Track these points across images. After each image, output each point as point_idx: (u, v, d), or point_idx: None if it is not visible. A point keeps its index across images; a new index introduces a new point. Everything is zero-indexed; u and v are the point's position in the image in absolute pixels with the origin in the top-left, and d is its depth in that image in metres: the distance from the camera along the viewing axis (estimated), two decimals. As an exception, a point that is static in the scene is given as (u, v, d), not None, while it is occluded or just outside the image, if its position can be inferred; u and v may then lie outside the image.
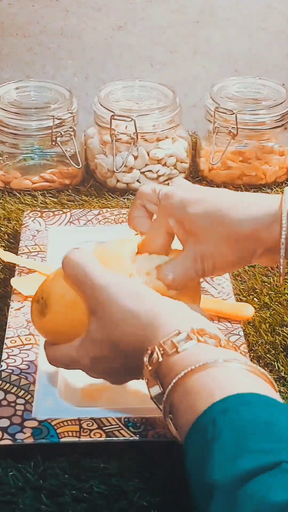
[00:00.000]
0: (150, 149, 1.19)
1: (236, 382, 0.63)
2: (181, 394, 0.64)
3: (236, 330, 0.90)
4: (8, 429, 0.76)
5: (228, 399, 0.60)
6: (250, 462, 0.55)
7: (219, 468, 0.56)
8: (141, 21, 1.43)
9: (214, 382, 0.63)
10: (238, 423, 0.58)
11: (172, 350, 0.66)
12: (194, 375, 0.64)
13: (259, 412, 0.60)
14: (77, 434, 0.76)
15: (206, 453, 0.58)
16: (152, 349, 0.68)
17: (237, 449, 0.57)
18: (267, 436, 0.58)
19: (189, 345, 0.67)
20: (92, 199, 1.19)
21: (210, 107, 1.22)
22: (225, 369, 0.64)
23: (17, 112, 1.18)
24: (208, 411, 0.60)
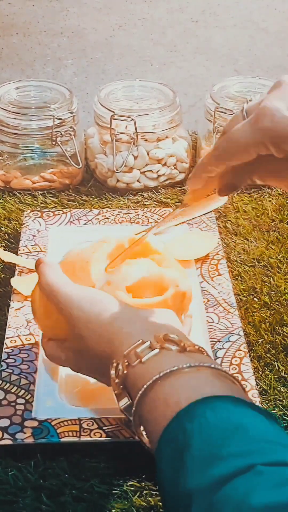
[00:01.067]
0: (150, 149, 1.19)
1: (201, 387, 0.63)
2: (148, 404, 0.64)
3: (236, 330, 0.90)
4: (9, 429, 0.76)
5: (195, 405, 0.60)
6: (223, 467, 0.55)
7: (193, 477, 0.56)
8: (141, 21, 1.43)
9: (179, 389, 0.63)
10: (207, 429, 0.58)
11: (135, 361, 0.67)
12: (159, 385, 0.64)
13: (228, 415, 0.59)
14: (77, 434, 0.76)
15: (179, 463, 0.57)
16: (117, 362, 0.68)
17: (209, 456, 0.56)
18: (237, 439, 0.57)
19: (152, 353, 0.67)
20: (92, 199, 1.19)
21: (210, 107, 1.21)
22: (189, 375, 0.64)
23: (17, 112, 1.18)
24: (176, 419, 0.60)
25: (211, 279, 0.98)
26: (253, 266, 1.04)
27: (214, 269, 1.00)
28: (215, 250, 1.03)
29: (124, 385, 0.68)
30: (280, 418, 0.81)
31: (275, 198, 1.19)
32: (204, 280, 0.98)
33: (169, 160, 1.21)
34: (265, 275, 1.02)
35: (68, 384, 0.83)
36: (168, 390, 0.63)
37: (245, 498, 0.52)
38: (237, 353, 0.86)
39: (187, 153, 1.23)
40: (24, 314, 0.91)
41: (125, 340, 0.69)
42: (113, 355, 0.69)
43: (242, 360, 0.85)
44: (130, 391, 0.67)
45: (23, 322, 0.90)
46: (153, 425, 0.62)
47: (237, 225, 1.12)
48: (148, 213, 1.12)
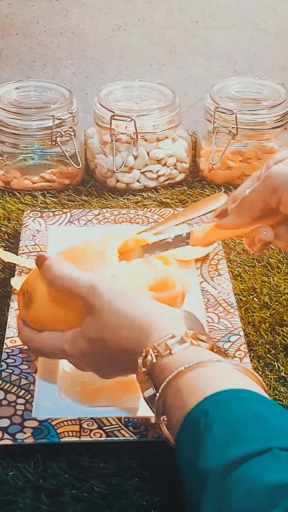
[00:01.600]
0: (150, 149, 1.19)
1: (229, 379, 0.64)
2: (174, 392, 0.65)
3: (236, 330, 0.90)
4: (9, 429, 0.76)
5: (221, 393, 0.62)
6: (241, 449, 0.56)
7: (211, 456, 0.57)
8: (141, 21, 1.43)
9: (206, 379, 0.64)
10: (229, 414, 0.60)
11: (165, 351, 0.68)
12: (187, 374, 0.65)
13: (250, 406, 0.61)
14: (77, 434, 0.76)
15: (198, 444, 0.59)
16: (146, 352, 0.69)
17: (228, 438, 0.58)
18: (258, 426, 0.59)
19: (183, 347, 0.68)
20: (92, 199, 1.19)
21: (210, 107, 1.22)
22: (217, 368, 0.66)
23: (17, 112, 1.18)
24: (200, 404, 0.61)
25: (211, 279, 0.98)
26: (253, 266, 1.04)
27: (214, 269, 1.00)
28: (215, 250, 1.03)
29: (150, 374, 0.69)
30: (280, 418, 0.81)
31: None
32: (204, 280, 0.98)
33: (169, 160, 1.21)
34: (265, 275, 1.02)
35: (68, 384, 0.83)
36: (195, 378, 0.64)
37: (258, 477, 0.54)
38: (237, 353, 0.86)
39: (187, 153, 1.23)
40: (24, 314, 0.91)
41: (156, 332, 0.69)
42: (143, 346, 0.69)
43: (242, 360, 0.85)
44: (155, 380, 0.68)
45: (23, 322, 0.90)
46: (177, 411, 0.64)
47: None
48: (148, 213, 1.12)
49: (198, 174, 1.25)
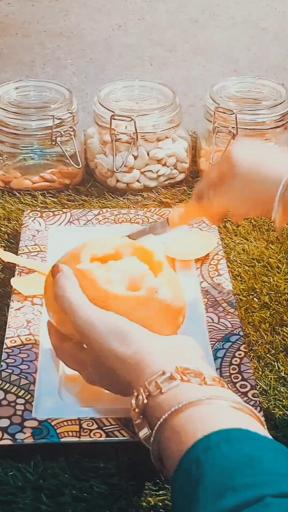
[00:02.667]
0: (150, 149, 1.19)
1: (219, 419, 0.63)
2: (167, 435, 0.64)
3: (236, 330, 0.90)
4: (8, 429, 0.76)
5: (210, 437, 0.60)
6: (233, 499, 0.55)
7: (205, 508, 0.56)
8: (141, 21, 1.43)
9: (197, 420, 0.63)
10: (220, 461, 0.58)
11: (156, 391, 0.67)
12: (178, 415, 0.64)
13: (241, 447, 0.59)
14: (77, 434, 0.76)
15: (192, 495, 0.58)
16: (137, 391, 0.68)
17: (220, 488, 0.56)
18: (249, 469, 0.57)
19: (173, 385, 0.67)
20: (92, 199, 1.19)
21: (210, 107, 1.21)
22: (208, 407, 0.65)
23: (17, 112, 1.18)
24: (191, 450, 0.60)
25: (211, 279, 0.98)
26: (253, 266, 1.04)
27: (214, 269, 1.00)
28: (215, 250, 1.03)
29: (144, 414, 0.68)
30: (280, 418, 0.81)
31: (275, 198, 1.19)
32: (204, 280, 0.98)
33: (169, 160, 1.21)
34: (265, 275, 1.02)
35: (68, 384, 0.83)
36: (185, 421, 0.64)
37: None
38: (237, 353, 0.86)
39: (187, 153, 1.23)
40: (24, 314, 0.91)
41: (147, 370, 0.69)
42: (134, 384, 0.69)
43: (242, 360, 0.85)
44: (149, 421, 0.68)
45: (23, 322, 0.90)
46: (170, 456, 0.63)
47: (237, 225, 1.12)
48: (148, 213, 1.12)
49: (198, 174, 1.25)
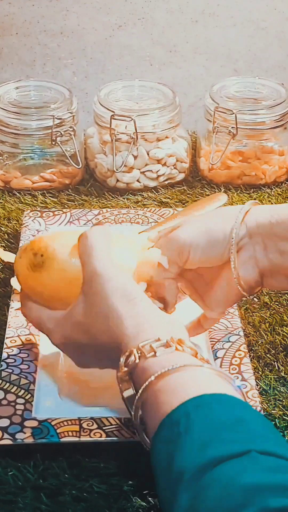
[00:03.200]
0: (150, 149, 1.19)
1: (211, 384, 0.65)
2: (155, 393, 0.65)
3: (236, 330, 0.90)
4: (8, 429, 0.76)
5: (203, 397, 0.62)
6: (219, 449, 0.57)
7: (188, 456, 0.57)
8: (141, 21, 1.43)
9: (189, 382, 0.64)
10: (210, 417, 0.60)
11: (150, 353, 0.68)
12: (170, 376, 0.65)
13: (232, 410, 0.61)
14: (77, 434, 0.76)
15: (176, 444, 0.59)
16: (130, 351, 0.69)
17: (207, 439, 0.58)
18: (238, 428, 0.59)
19: (168, 351, 0.68)
20: (92, 199, 1.19)
21: (210, 107, 1.22)
22: (200, 372, 0.66)
23: (17, 112, 1.18)
24: (182, 406, 0.61)
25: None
26: (253, 266, 1.03)
27: (214, 269, 1.00)
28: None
29: (131, 375, 0.69)
30: (280, 418, 0.81)
31: (275, 198, 1.19)
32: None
33: (169, 160, 1.21)
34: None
35: (68, 383, 0.83)
36: (178, 381, 0.65)
37: (235, 477, 0.54)
38: (237, 353, 0.86)
39: (187, 153, 1.23)
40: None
41: (143, 334, 0.70)
42: (127, 344, 0.70)
43: (242, 360, 0.85)
44: (136, 381, 0.68)
45: (23, 322, 0.90)
46: (157, 411, 0.63)
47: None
48: (148, 213, 1.12)
49: (198, 174, 1.25)
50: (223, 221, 0.81)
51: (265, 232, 0.79)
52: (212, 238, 0.80)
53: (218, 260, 0.81)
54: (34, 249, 0.78)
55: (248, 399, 0.80)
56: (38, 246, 0.78)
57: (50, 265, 0.77)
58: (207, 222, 0.82)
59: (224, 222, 0.80)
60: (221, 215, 0.82)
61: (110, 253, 0.76)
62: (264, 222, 0.79)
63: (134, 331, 0.70)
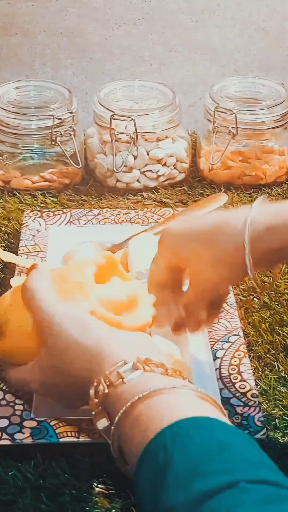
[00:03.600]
0: (150, 149, 1.19)
1: (186, 406, 0.62)
2: (129, 423, 0.63)
3: (236, 330, 0.90)
4: (7, 429, 0.76)
5: (179, 423, 0.59)
6: (206, 483, 0.53)
7: (174, 493, 0.54)
8: (141, 21, 1.43)
9: (162, 408, 0.62)
10: (189, 446, 0.57)
11: (117, 380, 0.66)
12: (142, 403, 0.63)
13: (211, 434, 0.58)
14: (76, 434, 0.76)
15: (159, 480, 0.56)
16: (98, 381, 0.67)
17: (191, 472, 0.55)
18: (221, 457, 0.56)
19: (135, 375, 0.66)
20: (92, 199, 1.19)
21: (210, 107, 1.21)
22: (173, 396, 0.63)
23: (17, 112, 1.18)
24: (158, 436, 0.59)
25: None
26: (252, 266, 1.03)
27: (214, 269, 1.00)
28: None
29: (103, 405, 0.67)
30: (280, 418, 0.81)
31: (275, 198, 1.19)
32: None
33: (169, 160, 1.21)
34: (265, 275, 1.02)
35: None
36: (151, 409, 0.62)
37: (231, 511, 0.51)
38: (236, 354, 0.86)
39: (187, 153, 1.23)
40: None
41: (107, 360, 0.68)
42: (94, 375, 0.68)
43: (242, 360, 0.85)
44: (110, 411, 0.66)
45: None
46: (133, 444, 0.61)
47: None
48: (148, 213, 1.11)
49: (198, 174, 1.25)
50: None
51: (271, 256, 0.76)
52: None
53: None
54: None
55: (248, 399, 0.80)
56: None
57: (8, 328, 0.77)
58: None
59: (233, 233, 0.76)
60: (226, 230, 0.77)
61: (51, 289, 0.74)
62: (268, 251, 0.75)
63: (98, 359, 0.68)
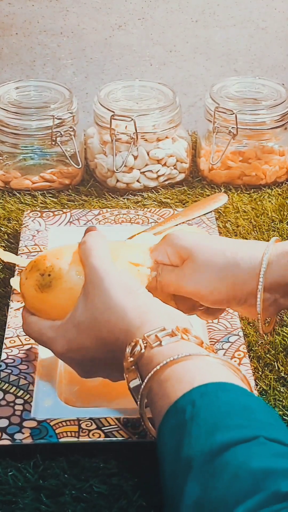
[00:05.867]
0: (150, 149, 1.19)
1: (216, 373, 0.65)
2: (160, 382, 0.66)
3: (236, 330, 0.90)
4: (7, 429, 0.76)
5: (208, 385, 0.62)
6: (227, 435, 0.57)
7: (196, 443, 0.58)
8: (141, 21, 1.43)
9: (194, 371, 0.65)
10: (216, 404, 0.60)
11: (155, 343, 0.68)
12: (175, 365, 0.66)
13: (237, 398, 0.62)
14: (76, 435, 0.76)
15: (183, 432, 0.59)
16: (135, 342, 0.69)
17: (214, 425, 0.58)
18: (244, 415, 0.59)
19: (173, 340, 0.68)
20: (92, 199, 1.19)
21: (210, 107, 1.22)
22: (205, 362, 0.66)
23: (17, 112, 1.18)
24: (187, 394, 0.62)
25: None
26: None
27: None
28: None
29: (137, 365, 0.69)
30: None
31: (275, 198, 1.19)
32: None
33: (169, 160, 1.21)
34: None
35: (67, 384, 0.83)
36: (183, 370, 0.65)
37: (245, 462, 0.54)
38: (236, 354, 0.86)
39: (187, 153, 1.23)
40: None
41: (148, 324, 0.70)
42: (131, 336, 0.70)
43: (242, 360, 0.85)
44: (142, 370, 0.68)
45: (23, 322, 0.90)
46: (162, 400, 0.64)
47: (237, 225, 1.12)
48: (148, 213, 1.11)
49: (198, 174, 1.25)
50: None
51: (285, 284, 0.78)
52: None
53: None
54: (40, 269, 0.78)
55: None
56: (44, 266, 0.77)
57: (58, 285, 0.77)
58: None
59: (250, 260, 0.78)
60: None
61: (108, 252, 0.77)
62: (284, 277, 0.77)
63: (138, 322, 0.71)
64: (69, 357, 0.76)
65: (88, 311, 0.74)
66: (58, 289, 0.77)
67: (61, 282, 0.77)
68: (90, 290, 0.74)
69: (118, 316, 0.72)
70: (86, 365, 0.76)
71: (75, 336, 0.75)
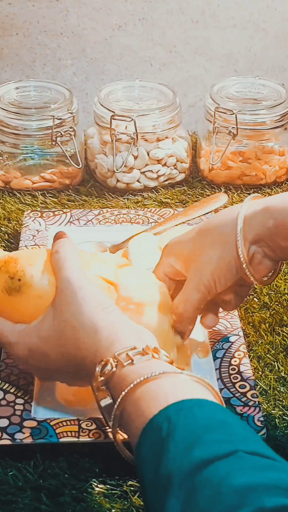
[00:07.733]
0: (150, 149, 1.19)
1: (190, 390, 0.65)
2: (135, 399, 0.65)
3: (236, 330, 0.90)
4: (7, 429, 0.76)
5: (184, 402, 0.62)
6: (206, 451, 0.57)
7: (174, 460, 0.57)
8: (141, 22, 1.43)
9: (169, 388, 0.65)
10: (193, 420, 0.60)
11: (127, 361, 0.68)
12: (149, 383, 0.66)
13: (213, 413, 0.61)
14: (76, 434, 0.76)
15: (161, 449, 0.59)
16: (106, 361, 0.69)
17: (192, 441, 0.58)
18: (221, 430, 0.59)
19: (145, 358, 0.68)
20: (92, 199, 1.19)
21: (210, 107, 1.22)
22: (179, 379, 0.66)
23: (17, 112, 1.18)
24: (163, 411, 0.62)
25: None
26: (253, 266, 1.03)
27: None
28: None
29: (107, 384, 0.69)
30: (280, 418, 0.81)
31: (275, 198, 1.19)
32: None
33: (169, 160, 1.21)
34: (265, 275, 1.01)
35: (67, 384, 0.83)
36: (158, 387, 0.65)
37: (226, 478, 0.54)
38: (236, 354, 0.86)
39: (187, 153, 1.23)
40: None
41: (117, 343, 0.70)
42: (101, 355, 0.70)
43: (242, 360, 0.85)
44: (113, 389, 0.68)
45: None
46: (138, 419, 0.64)
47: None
48: (148, 213, 1.12)
49: (198, 174, 1.25)
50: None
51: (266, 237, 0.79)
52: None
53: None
54: (10, 272, 0.77)
55: (248, 399, 0.80)
56: (14, 270, 0.76)
57: (27, 291, 0.76)
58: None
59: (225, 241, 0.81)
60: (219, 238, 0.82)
61: (80, 264, 0.76)
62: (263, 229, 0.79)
63: (109, 340, 0.71)
64: (27, 363, 0.77)
65: (56, 325, 0.73)
66: (26, 295, 0.76)
67: (31, 290, 0.76)
68: (61, 303, 0.73)
69: (88, 334, 0.71)
70: (45, 372, 0.76)
71: (38, 347, 0.74)
